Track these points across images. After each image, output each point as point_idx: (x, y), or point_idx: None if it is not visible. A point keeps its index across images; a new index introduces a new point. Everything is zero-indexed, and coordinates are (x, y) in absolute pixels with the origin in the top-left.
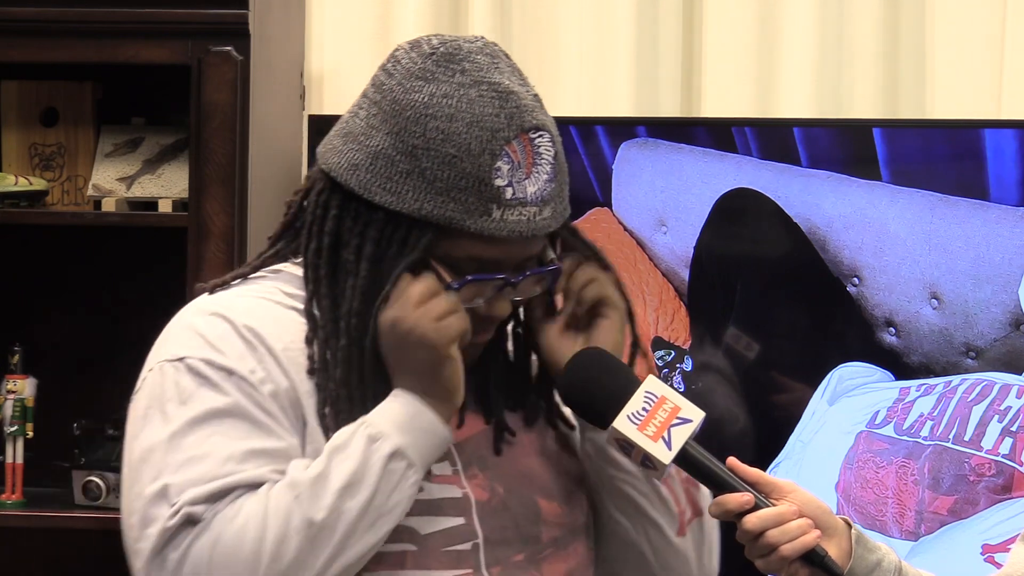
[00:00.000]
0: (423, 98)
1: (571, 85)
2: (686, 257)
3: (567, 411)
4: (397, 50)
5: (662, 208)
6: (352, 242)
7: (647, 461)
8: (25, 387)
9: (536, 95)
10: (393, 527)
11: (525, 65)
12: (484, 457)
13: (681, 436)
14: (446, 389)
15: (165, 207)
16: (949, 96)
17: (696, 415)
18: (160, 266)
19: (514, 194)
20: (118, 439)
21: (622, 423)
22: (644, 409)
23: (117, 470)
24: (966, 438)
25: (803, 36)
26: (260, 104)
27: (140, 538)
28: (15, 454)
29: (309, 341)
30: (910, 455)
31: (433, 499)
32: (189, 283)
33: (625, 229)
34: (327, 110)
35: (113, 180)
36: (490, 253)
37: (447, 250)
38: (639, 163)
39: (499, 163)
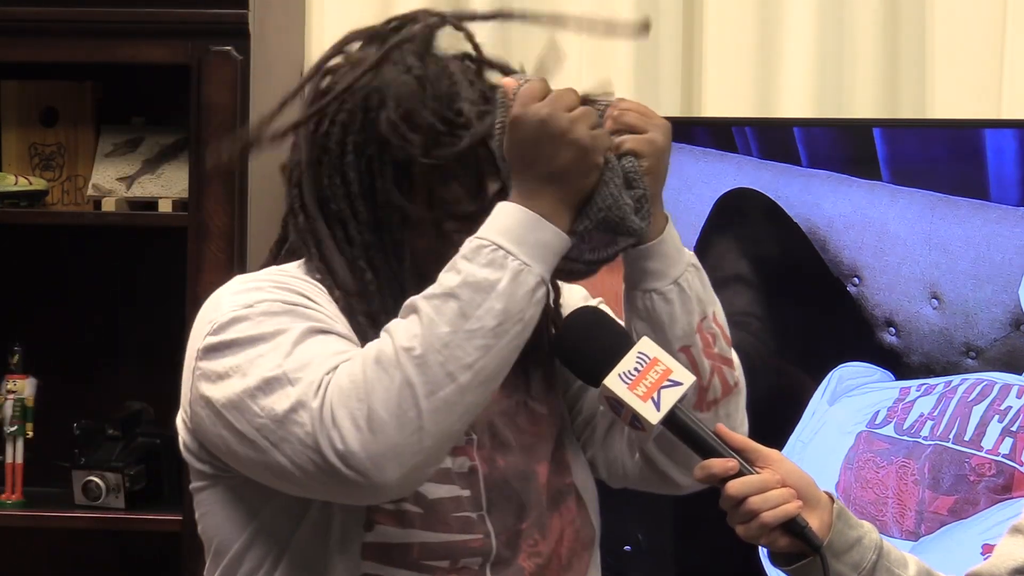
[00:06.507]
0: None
1: (571, 85)
2: None
3: None
4: None
5: None
6: (335, 180)
7: (636, 421)
8: (25, 387)
9: None
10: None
11: (525, 65)
12: (497, 429)
13: (671, 398)
14: (581, 193)
15: (165, 207)
16: (949, 96)
17: (687, 378)
18: (160, 266)
19: None
20: (118, 439)
21: (613, 381)
22: (636, 369)
23: (117, 470)
24: (966, 438)
25: (803, 36)
26: (260, 104)
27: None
28: (15, 454)
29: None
30: (910, 455)
31: (443, 467)
32: (189, 283)
33: None
34: None
35: (113, 180)
36: None
37: None
38: None
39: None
